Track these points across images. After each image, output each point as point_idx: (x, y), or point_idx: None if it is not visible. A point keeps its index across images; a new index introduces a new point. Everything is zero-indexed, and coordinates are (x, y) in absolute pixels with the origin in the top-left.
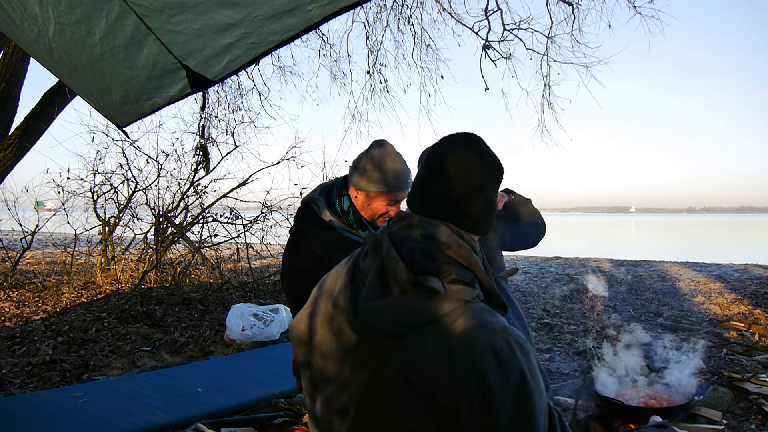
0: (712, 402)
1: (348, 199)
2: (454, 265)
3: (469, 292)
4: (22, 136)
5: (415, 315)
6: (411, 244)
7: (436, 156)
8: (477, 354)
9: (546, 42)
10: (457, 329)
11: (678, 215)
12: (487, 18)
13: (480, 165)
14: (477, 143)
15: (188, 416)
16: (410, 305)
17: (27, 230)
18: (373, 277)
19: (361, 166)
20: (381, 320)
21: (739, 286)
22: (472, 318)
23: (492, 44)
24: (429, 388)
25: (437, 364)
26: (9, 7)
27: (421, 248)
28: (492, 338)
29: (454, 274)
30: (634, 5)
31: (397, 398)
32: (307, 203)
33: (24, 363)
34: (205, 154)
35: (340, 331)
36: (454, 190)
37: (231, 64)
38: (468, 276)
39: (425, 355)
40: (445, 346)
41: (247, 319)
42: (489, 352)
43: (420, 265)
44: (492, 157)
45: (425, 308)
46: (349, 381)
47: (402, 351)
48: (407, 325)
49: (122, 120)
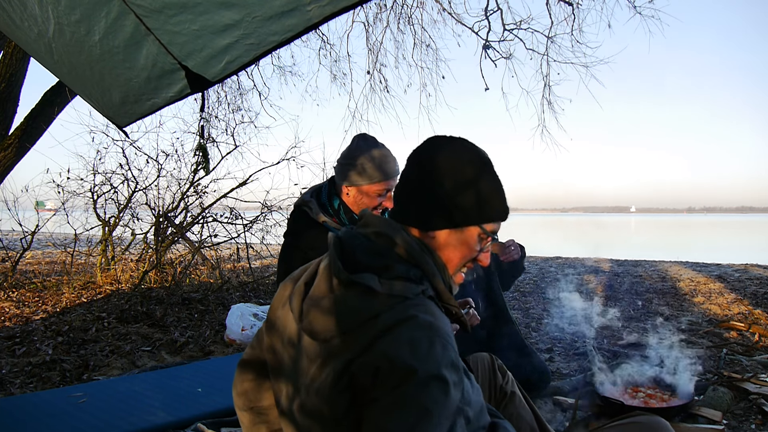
0: (712, 402)
1: (338, 199)
2: (399, 262)
3: (411, 288)
4: (22, 136)
5: (347, 315)
6: (357, 242)
7: (414, 157)
8: (395, 346)
9: (546, 42)
10: (389, 323)
11: (678, 215)
12: (487, 18)
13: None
14: (455, 140)
15: (188, 416)
16: (346, 306)
17: (27, 230)
18: (321, 277)
19: (347, 162)
20: (317, 320)
21: (739, 286)
22: (401, 313)
23: (492, 44)
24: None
25: (368, 351)
26: (9, 7)
27: (366, 246)
28: (416, 336)
29: (397, 270)
30: (634, 5)
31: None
32: (300, 206)
33: (24, 363)
34: (205, 154)
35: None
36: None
37: (230, 65)
38: (413, 272)
39: (360, 345)
40: (376, 336)
41: (247, 319)
42: (405, 344)
43: (362, 263)
44: (474, 150)
45: (359, 308)
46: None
47: (340, 348)
48: (342, 326)
49: (122, 120)
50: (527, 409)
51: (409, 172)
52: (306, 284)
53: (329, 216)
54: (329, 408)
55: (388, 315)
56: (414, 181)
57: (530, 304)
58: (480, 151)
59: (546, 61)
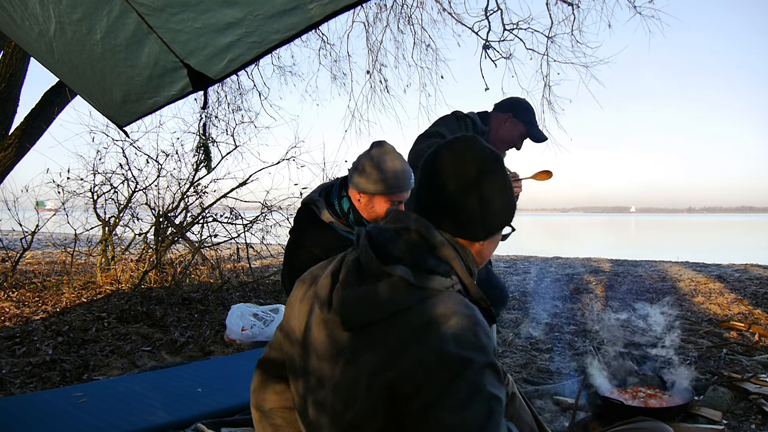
0: (712, 402)
1: (348, 200)
2: (429, 257)
3: (442, 281)
4: (22, 136)
5: (383, 305)
6: (386, 236)
7: (430, 157)
8: (440, 341)
9: (546, 42)
10: (428, 317)
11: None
12: (487, 18)
13: (472, 160)
14: (470, 140)
15: (188, 416)
16: (379, 295)
17: (27, 230)
18: (350, 270)
19: (361, 168)
20: (350, 310)
21: (739, 286)
22: (439, 305)
23: (492, 44)
24: (392, 376)
25: (403, 352)
26: (9, 7)
27: (397, 240)
28: (460, 327)
29: (428, 264)
30: (634, 5)
31: (362, 390)
32: (307, 204)
33: (24, 363)
34: (207, 152)
35: (315, 325)
36: (447, 188)
37: (232, 63)
38: (442, 267)
39: (393, 344)
40: (412, 334)
41: (247, 319)
42: (450, 337)
43: (393, 257)
44: (486, 151)
45: (393, 298)
46: (323, 373)
47: (371, 340)
48: (375, 315)
49: (123, 119)
50: (527, 411)
51: (446, 182)
52: (333, 276)
53: (336, 216)
54: (357, 413)
55: (421, 308)
56: (453, 192)
57: (530, 304)
58: (497, 155)
59: (546, 61)
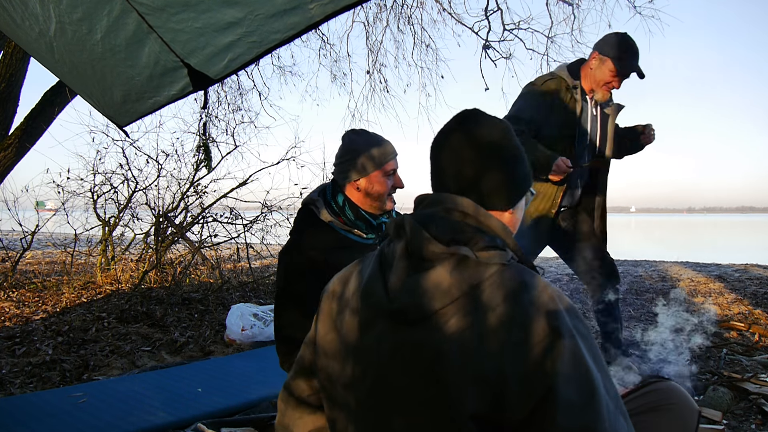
0: (712, 402)
1: (342, 196)
2: (481, 233)
3: (503, 255)
4: (22, 136)
5: (452, 286)
6: (435, 219)
7: (442, 138)
8: (523, 313)
9: (546, 42)
10: (501, 292)
11: (678, 215)
12: (487, 18)
13: (484, 132)
14: (474, 114)
15: (188, 416)
16: (444, 278)
17: (27, 230)
18: (400, 259)
19: (347, 158)
20: (417, 297)
21: (739, 286)
22: (512, 279)
23: (492, 44)
24: (470, 360)
25: (481, 332)
26: (10, 6)
27: (446, 222)
28: (535, 294)
29: (483, 241)
30: (634, 5)
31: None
32: (307, 204)
33: (24, 363)
34: (207, 152)
35: (351, 327)
36: (465, 163)
37: (232, 63)
38: (497, 242)
39: (467, 326)
40: (488, 312)
41: (247, 319)
42: (533, 308)
43: (447, 238)
44: (493, 120)
45: (461, 277)
46: (363, 373)
47: (439, 327)
48: (446, 297)
49: (123, 119)
50: None
51: (462, 158)
52: (380, 270)
53: (334, 215)
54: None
55: (492, 284)
56: (472, 166)
57: None
58: (504, 122)
59: (546, 61)
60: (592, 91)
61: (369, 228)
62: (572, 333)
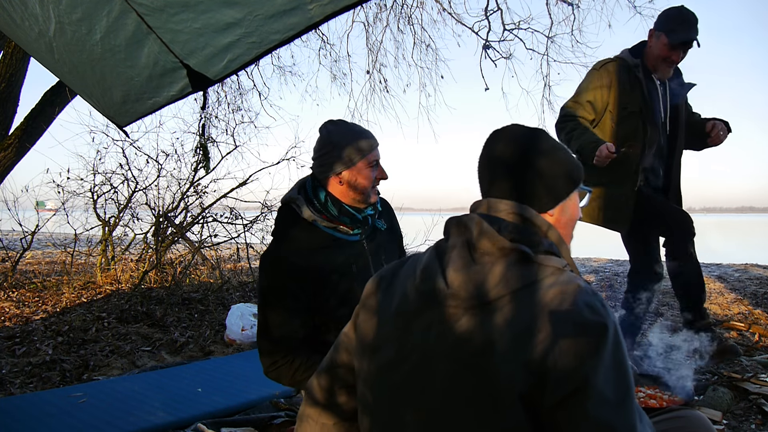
0: (712, 402)
1: (323, 192)
2: (540, 237)
3: (559, 261)
4: (22, 136)
5: (511, 279)
6: (499, 221)
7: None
8: (576, 311)
9: (546, 42)
10: (556, 290)
11: None
12: (487, 18)
13: (515, 136)
14: (504, 128)
15: (188, 416)
16: (503, 271)
17: (27, 230)
18: (460, 251)
19: (327, 150)
20: (475, 285)
21: (739, 286)
22: (568, 281)
23: (492, 44)
24: (520, 348)
25: (533, 326)
26: (9, 7)
27: (509, 224)
28: (588, 298)
29: (543, 245)
30: (634, 5)
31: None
32: (287, 203)
33: (24, 363)
34: (206, 153)
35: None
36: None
37: (232, 63)
38: (555, 248)
39: (520, 317)
40: (544, 306)
41: (247, 319)
42: (586, 308)
43: (510, 237)
44: (522, 127)
45: (521, 272)
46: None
47: (493, 315)
48: (505, 288)
49: (122, 119)
50: None
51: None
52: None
53: (317, 212)
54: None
55: (547, 284)
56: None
57: None
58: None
59: (546, 61)
60: (654, 68)
61: (354, 222)
62: (617, 339)
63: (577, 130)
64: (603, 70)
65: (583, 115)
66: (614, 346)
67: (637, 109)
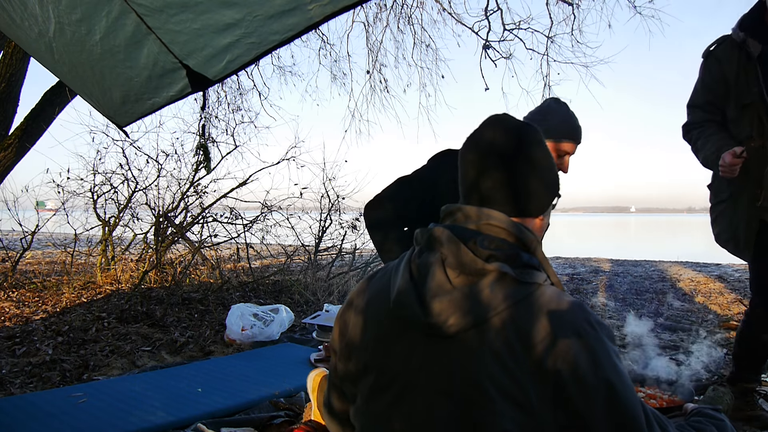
0: (712, 402)
1: None
2: (520, 251)
3: (539, 275)
4: (22, 136)
5: (489, 303)
6: (473, 234)
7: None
8: (561, 336)
9: (546, 42)
10: (537, 312)
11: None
12: (487, 18)
13: (505, 132)
14: (500, 119)
15: (188, 416)
16: (484, 293)
17: (27, 230)
18: (436, 273)
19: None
20: (453, 312)
21: (739, 286)
22: (549, 299)
23: (492, 44)
24: (508, 379)
25: (518, 349)
26: (9, 7)
27: (484, 237)
28: (573, 318)
29: (522, 258)
30: (634, 5)
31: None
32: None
33: (24, 363)
34: (206, 153)
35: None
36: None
37: (231, 64)
38: (534, 261)
39: (503, 342)
40: (527, 330)
41: (247, 319)
42: (572, 333)
43: (486, 254)
44: (520, 124)
45: (501, 294)
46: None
47: (475, 341)
48: (484, 313)
49: (122, 120)
50: None
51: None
52: (411, 281)
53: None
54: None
55: (531, 301)
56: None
57: None
58: (532, 125)
59: (546, 61)
60: None
61: None
62: (612, 362)
63: (700, 140)
64: (711, 59)
65: (704, 119)
66: (610, 368)
67: (753, 100)
